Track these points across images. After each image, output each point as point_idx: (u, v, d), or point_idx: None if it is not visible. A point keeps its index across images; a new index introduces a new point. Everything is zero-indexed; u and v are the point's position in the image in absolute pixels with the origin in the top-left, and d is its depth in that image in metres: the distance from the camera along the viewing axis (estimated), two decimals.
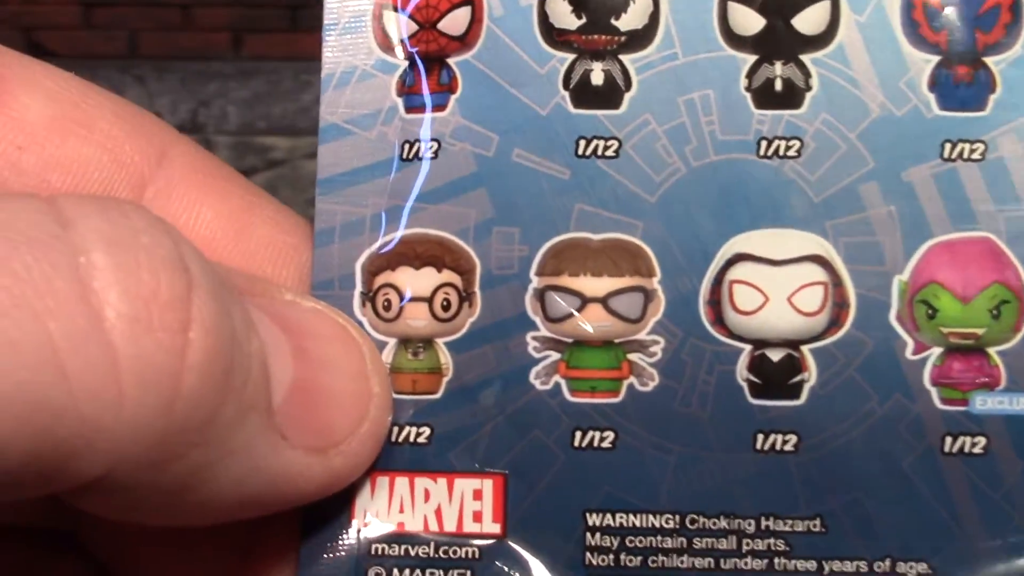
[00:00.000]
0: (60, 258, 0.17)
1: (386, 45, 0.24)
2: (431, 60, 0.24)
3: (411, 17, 0.24)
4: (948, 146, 0.23)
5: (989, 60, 0.23)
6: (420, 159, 0.24)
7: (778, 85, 0.23)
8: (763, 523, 0.23)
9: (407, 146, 0.24)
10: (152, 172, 0.23)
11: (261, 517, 0.21)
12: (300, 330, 0.21)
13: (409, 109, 0.24)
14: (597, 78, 0.24)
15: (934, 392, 0.23)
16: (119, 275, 0.17)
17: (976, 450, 0.23)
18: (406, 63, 0.24)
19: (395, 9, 0.24)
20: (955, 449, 0.23)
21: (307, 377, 0.21)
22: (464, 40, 0.24)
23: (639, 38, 0.24)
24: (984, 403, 0.23)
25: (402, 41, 0.24)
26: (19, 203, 0.18)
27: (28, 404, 0.16)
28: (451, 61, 0.24)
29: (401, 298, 0.23)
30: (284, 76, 1.20)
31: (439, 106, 0.24)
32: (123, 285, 0.17)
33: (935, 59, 0.23)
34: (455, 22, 0.24)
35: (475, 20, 0.24)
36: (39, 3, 1.37)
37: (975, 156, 0.23)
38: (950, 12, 0.23)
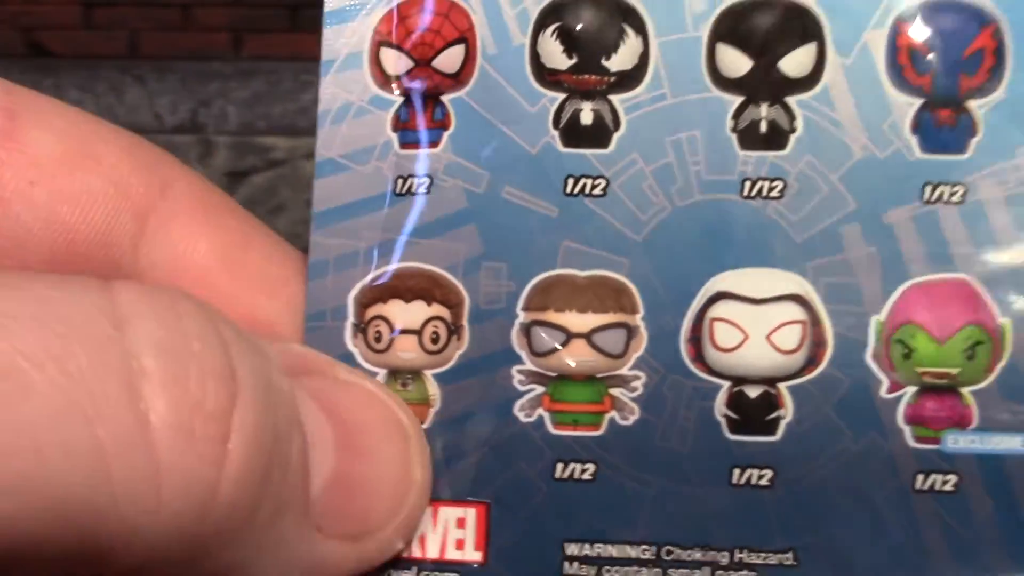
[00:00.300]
0: (113, 361, 0.20)
1: (382, 81, 0.28)
2: (426, 97, 0.28)
3: (407, 54, 0.28)
4: (929, 189, 0.26)
5: (972, 104, 0.27)
6: (413, 194, 0.27)
7: (763, 127, 0.27)
8: (736, 555, 0.26)
9: (401, 181, 0.28)
10: (155, 203, 0.27)
11: None
12: (347, 417, 0.24)
13: (404, 145, 0.28)
14: (587, 118, 0.27)
15: (907, 430, 0.26)
16: (168, 383, 0.20)
17: (947, 488, 0.26)
18: (401, 99, 0.28)
19: (392, 46, 0.28)
20: (927, 486, 0.26)
21: (348, 468, 0.24)
22: (458, 77, 0.28)
23: (628, 79, 0.27)
24: (956, 442, 0.26)
25: (398, 77, 0.28)
26: (77, 294, 0.21)
27: (74, 505, 0.19)
28: (445, 98, 0.28)
29: (391, 330, 0.27)
30: (284, 76, 1.27)
31: (433, 142, 0.28)
32: (171, 394, 0.20)
33: (918, 102, 0.27)
34: (450, 60, 0.28)
35: (469, 58, 0.28)
36: (39, 3, 1.45)
37: (955, 199, 0.26)
38: (934, 56, 0.27)
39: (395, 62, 0.28)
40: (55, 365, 0.19)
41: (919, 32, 0.27)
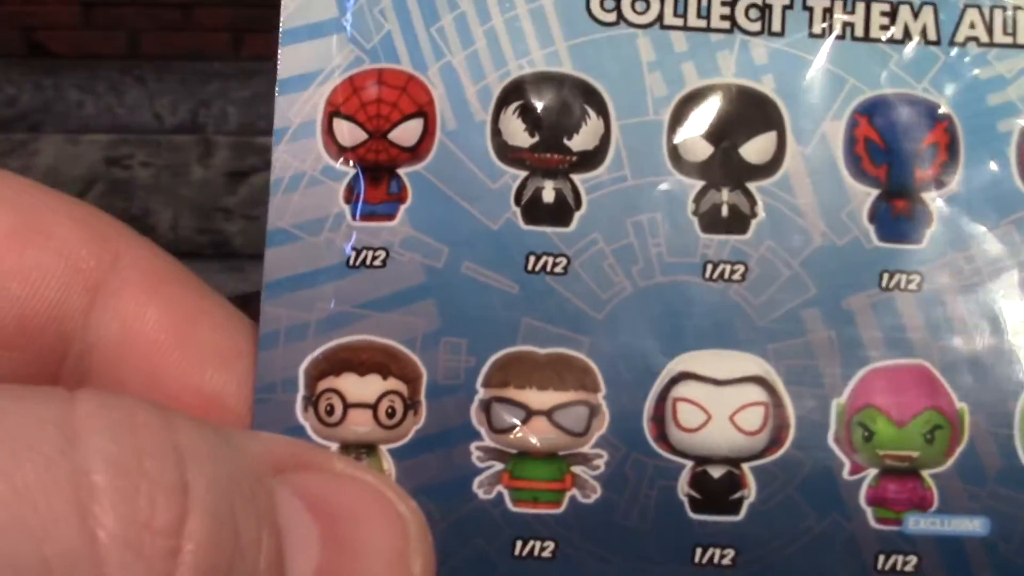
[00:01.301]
0: (63, 477, 0.28)
1: (335, 152, 0.39)
2: (380, 169, 0.39)
3: (361, 126, 0.40)
4: (886, 276, 0.39)
5: (926, 196, 0.39)
6: (368, 267, 0.39)
7: (724, 211, 0.39)
8: None
9: (355, 253, 0.39)
10: (105, 276, 0.37)
11: None
12: (336, 512, 0.33)
13: (357, 216, 0.39)
14: (548, 196, 0.39)
15: (869, 512, 0.38)
16: (117, 500, 0.28)
17: (908, 568, 0.37)
18: (354, 171, 0.39)
19: (345, 117, 0.40)
20: (888, 567, 0.37)
21: (335, 567, 0.32)
22: (415, 152, 0.39)
23: (590, 159, 0.39)
24: (917, 523, 0.38)
25: (351, 149, 0.39)
26: (35, 407, 0.29)
27: None
28: (401, 172, 0.39)
29: (344, 403, 0.38)
30: None
31: (388, 215, 0.39)
32: (120, 511, 0.28)
33: (875, 192, 0.39)
34: (407, 133, 0.39)
35: (427, 132, 0.39)
36: (39, 3, 1.83)
37: (911, 287, 0.39)
38: (890, 148, 0.40)
39: (348, 134, 0.39)
40: (3, 480, 0.27)
41: (875, 125, 0.40)
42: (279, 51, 0.39)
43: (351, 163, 0.39)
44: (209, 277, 0.39)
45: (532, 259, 0.39)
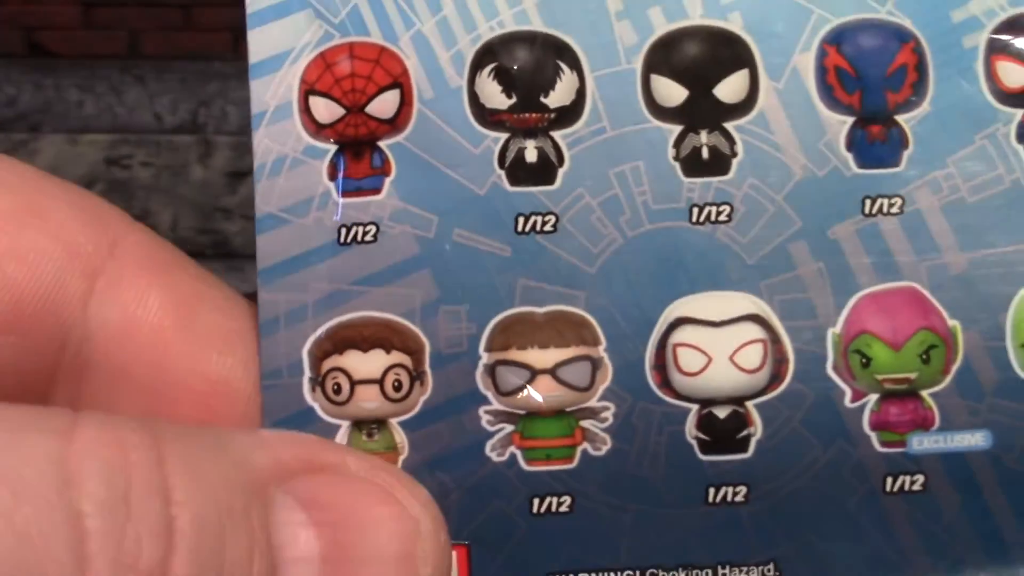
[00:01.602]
0: (60, 519, 0.29)
1: (314, 131, 0.40)
2: (361, 144, 0.40)
3: (338, 101, 0.40)
4: (868, 202, 0.40)
5: (900, 118, 0.40)
6: (359, 243, 0.39)
7: (705, 153, 0.40)
8: (720, 572, 0.38)
9: (344, 230, 0.39)
10: (103, 262, 0.38)
11: None
12: (342, 520, 0.34)
13: (343, 193, 0.40)
14: (531, 155, 0.40)
15: (873, 436, 0.39)
16: (106, 543, 0.30)
17: (915, 487, 0.39)
18: (335, 147, 0.40)
19: (321, 94, 0.40)
20: (896, 488, 0.39)
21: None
22: (394, 123, 0.40)
23: (568, 114, 0.40)
24: (921, 443, 0.39)
25: (329, 126, 0.40)
26: (31, 439, 0.30)
27: None
28: (382, 144, 0.40)
29: (351, 381, 0.39)
30: None
31: (373, 189, 0.40)
32: (110, 553, 0.30)
33: (850, 120, 0.40)
34: (384, 105, 0.40)
35: (405, 103, 0.40)
36: (39, 3, 1.86)
37: (894, 210, 0.40)
38: (861, 74, 0.40)
39: (325, 110, 0.40)
40: (5, 522, 0.29)
41: (844, 53, 0.40)
42: (247, 35, 0.40)
43: (331, 140, 0.40)
44: None
45: (521, 220, 0.39)
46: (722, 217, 0.40)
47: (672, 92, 0.40)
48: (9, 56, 1.93)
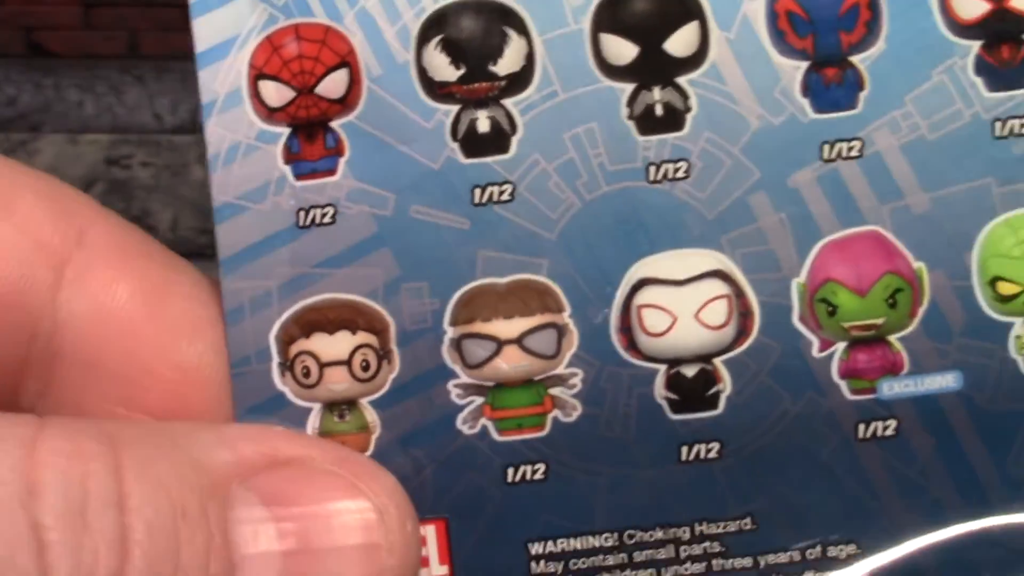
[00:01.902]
0: (24, 530, 0.31)
1: (266, 115, 0.40)
2: (313, 125, 0.40)
3: (287, 84, 0.40)
4: (827, 147, 0.40)
5: (855, 59, 0.40)
6: (318, 225, 0.40)
7: (658, 110, 0.40)
8: (697, 529, 0.39)
9: (302, 213, 0.40)
10: (71, 252, 0.38)
11: None
12: (304, 513, 0.35)
13: (299, 176, 0.40)
14: (483, 126, 0.40)
15: (843, 385, 0.39)
16: (65, 553, 0.31)
17: (888, 433, 0.39)
18: (288, 130, 0.40)
19: (270, 78, 0.40)
20: (868, 435, 0.39)
21: (298, 572, 0.35)
22: (345, 102, 0.40)
23: (518, 81, 0.40)
24: (891, 388, 0.39)
25: (280, 109, 0.40)
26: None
27: None
28: (335, 124, 0.40)
29: (319, 364, 0.39)
30: None
31: (328, 171, 0.40)
32: (67, 563, 0.31)
33: (804, 65, 0.40)
34: (334, 85, 0.40)
35: (354, 81, 0.40)
36: (39, 3, 1.89)
37: (853, 154, 0.40)
38: (812, 17, 0.40)
39: (275, 94, 0.40)
40: None
41: None
42: (192, 24, 0.40)
43: (283, 123, 0.40)
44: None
45: (478, 192, 0.40)
46: (679, 174, 0.40)
47: (622, 50, 0.40)
48: (9, 56, 1.94)
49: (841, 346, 0.39)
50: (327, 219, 0.40)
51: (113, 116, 1.95)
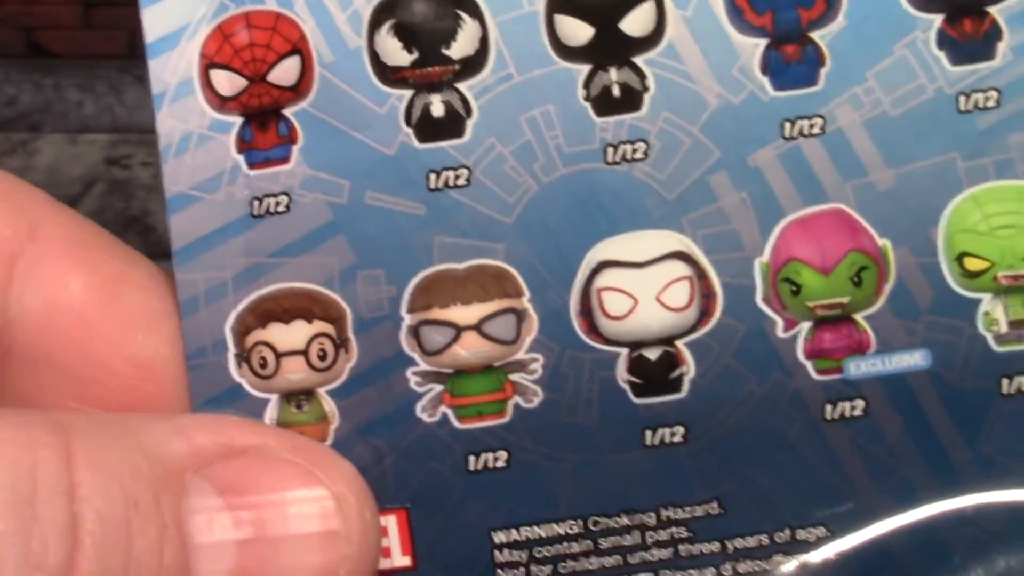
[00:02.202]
0: None
1: (218, 104, 0.40)
2: (266, 113, 0.40)
3: (239, 72, 0.40)
4: (788, 125, 0.39)
5: (815, 35, 0.40)
6: (272, 214, 0.39)
7: (615, 91, 0.40)
8: (663, 514, 0.38)
9: (256, 203, 0.39)
10: (22, 246, 0.38)
11: None
12: (260, 502, 0.35)
13: (252, 165, 0.39)
14: (437, 110, 0.40)
15: (809, 365, 0.39)
16: (14, 543, 0.31)
17: (856, 413, 0.39)
18: (241, 119, 0.40)
19: (221, 67, 0.40)
20: (836, 415, 0.39)
21: (254, 564, 0.34)
22: (297, 90, 0.40)
23: (473, 64, 0.40)
24: (858, 368, 0.39)
25: (233, 98, 0.40)
26: None
27: None
28: (287, 112, 0.40)
29: (276, 354, 0.39)
30: None
31: (282, 159, 0.39)
32: (16, 553, 0.31)
33: (763, 42, 0.39)
34: (285, 73, 0.40)
35: (306, 68, 0.40)
36: (39, 3, 1.89)
37: (815, 131, 0.39)
38: None
39: (227, 83, 0.40)
40: None
41: None
42: (141, 14, 0.40)
43: (236, 112, 0.40)
44: None
45: (433, 177, 0.39)
46: (638, 155, 0.39)
47: (577, 31, 0.40)
48: (9, 56, 1.95)
49: (806, 326, 0.39)
50: (281, 208, 0.39)
51: (113, 116, 1.95)
